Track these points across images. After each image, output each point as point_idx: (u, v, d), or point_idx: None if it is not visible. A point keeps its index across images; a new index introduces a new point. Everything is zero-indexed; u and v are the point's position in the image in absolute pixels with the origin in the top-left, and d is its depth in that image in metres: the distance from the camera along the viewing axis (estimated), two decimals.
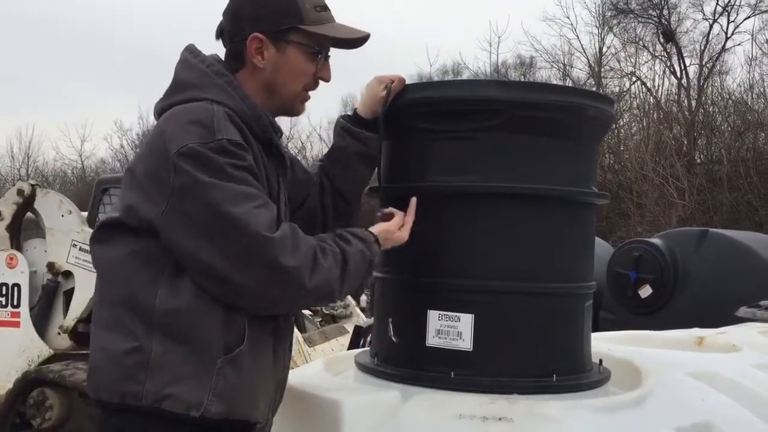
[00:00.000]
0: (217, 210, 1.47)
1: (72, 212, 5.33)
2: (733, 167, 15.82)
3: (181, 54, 1.71)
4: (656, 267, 5.98)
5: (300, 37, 1.69)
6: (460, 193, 1.85)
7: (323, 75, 1.76)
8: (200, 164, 1.49)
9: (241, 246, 1.48)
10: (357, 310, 6.51)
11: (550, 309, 1.87)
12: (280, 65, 1.69)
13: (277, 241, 1.49)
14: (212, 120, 1.54)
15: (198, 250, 1.49)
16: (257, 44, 1.67)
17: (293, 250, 1.51)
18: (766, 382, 2.11)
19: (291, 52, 1.69)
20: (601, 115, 1.93)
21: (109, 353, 1.54)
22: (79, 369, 4.91)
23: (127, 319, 1.53)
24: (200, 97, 1.60)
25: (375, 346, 2.03)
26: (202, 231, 1.49)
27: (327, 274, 1.57)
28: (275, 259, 1.49)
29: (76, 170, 31.54)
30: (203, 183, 1.48)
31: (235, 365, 1.55)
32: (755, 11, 19.80)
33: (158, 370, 1.51)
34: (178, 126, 1.54)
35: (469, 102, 1.84)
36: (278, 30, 1.67)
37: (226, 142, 1.52)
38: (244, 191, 1.50)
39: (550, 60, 22.54)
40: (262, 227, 1.49)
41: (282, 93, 1.72)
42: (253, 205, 1.50)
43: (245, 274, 1.50)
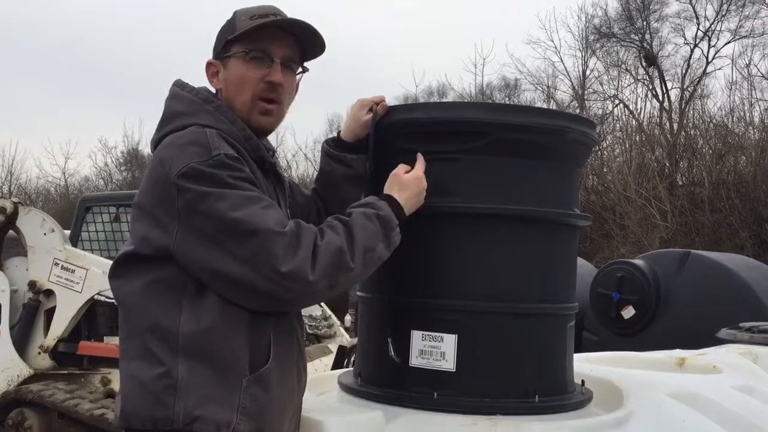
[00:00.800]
0: (224, 217, 1.49)
1: (54, 230, 5.30)
2: (715, 190, 16.00)
3: (170, 88, 1.76)
4: (639, 288, 6.01)
5: (235, 47, 1.73)
6: (444, 214, 1.86)
7: (271, 77, 1.72)
8: (201, 180, 1.51)
9: (255, 247, 1.49)
10: (341, 330, 6.49)
11: (533, 330, 1.88)
12: (228, 80, 1.74)
13: (288, 238, 1.50)
14: (206, 139, 1.57)
15: (214, 262, 1.51)
16: (213, 69, 1.76)
17: (296, 249, 1.51)
18: (746, 403, 2.13)
19: (232, 64, 1.73)
20: (583, 138, 1.95)
21: (139, 381, 1.55)
22: (59, 389, 4.86)
23: (153, 346, 1.55)
24: (190, 123, 1.64)
25: (358, 366, 2.03)
26: (214, 242, 1.50)
27: (327, 250, 1.54)
28: (285, 256, 1.49)
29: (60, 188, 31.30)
30: (206, 195, 1.50)
31: (262, 383, 1.57)
32: (735, 37, 20.15)
33: (186, 393, 1.52)
34: (175, 151, 1.57)
35: (454, 124, 1.86)
36: (220, 48, 1.75)
37: (224, 157, 1.55)
38: (247, 195, 1.53)
39: (535, 82, 22.77)
40: (272, 223, 1.50)
41: (237, 107, 1.73)
42: (259, 206, 1.52)
43: (259, 275, 1.49)
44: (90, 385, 5.20)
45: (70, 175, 31.22)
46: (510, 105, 5.37)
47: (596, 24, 21.98)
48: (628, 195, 16.20)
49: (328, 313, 6.54)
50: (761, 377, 2.49)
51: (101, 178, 29.63)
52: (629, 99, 20.85)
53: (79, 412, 4.59)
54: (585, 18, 22.28)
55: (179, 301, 1.55)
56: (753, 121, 18.16)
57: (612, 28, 21.77)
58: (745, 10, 20.01)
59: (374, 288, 1.96)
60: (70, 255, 5.24)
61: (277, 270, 1.48)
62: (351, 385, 1.98)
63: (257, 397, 1.56)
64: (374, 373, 1.93)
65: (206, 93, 1.73)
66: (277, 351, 1.62)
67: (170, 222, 1.54)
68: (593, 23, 21.97)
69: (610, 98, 21.22)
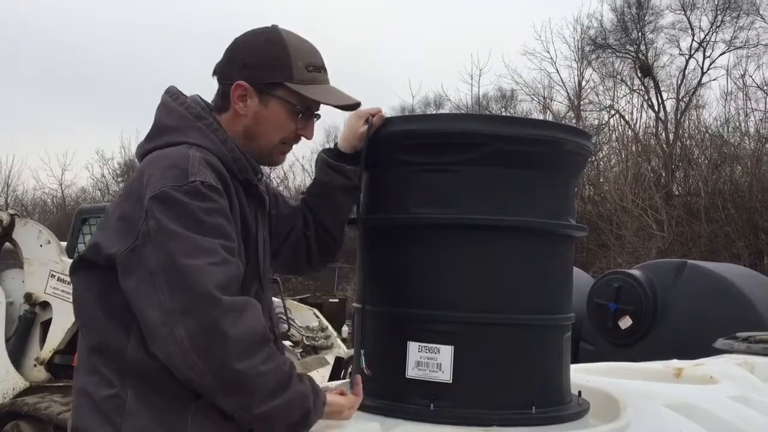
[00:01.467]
0: (172, 260, 1.44)
1: (51, 242, 5.30)
2: (711, 199, 16.03)
3: (162, 97, 1.71)
4: (636, 298, 6.01)
5: (285, 93, 1.69)
6: (441, 225, 1.86)
7: (305, 133, 1.76)
8: (170, 209, 1.47)
9: (183, 300, 1.43)
10: (338, 341, 6.48)
11: (530, 341, 1.88)
12: (262, 117, 1.70)
13: (225, 303, 1.43)
14: (187, 163, 1.54)
15: (138, 296, 1.47)
16: (241, 92, 1.68)
17: (237, 318, 1.44)
18: (743, 413, 2.13)
19: (273, 107, 1.69)
20: (579, 149, 1.96)
21: (90, 398, 1.55)
22: (55, 402, 4.84)
23: (103, 368, 1.54)
24: (179, 141, 1.61)
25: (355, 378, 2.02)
26: (151, 277, 1.45)
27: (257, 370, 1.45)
28: (215, 321, 1.42)
29: (56, 199, 31.28)
30: (167, 231, 1.46)
31: (211, 410, 1.54)
32: (730, 47, 20.27)
33: (134, 417, 1.51)
34: (156, 171, 1.54)
35: (451, 135, 1.86)
36: (264, 82, 1.68)
37: (200, 185, 1.51)
38: (204, 245, 1.46)
39: (531, 93, 22.86)
40: (212, 285, 1.43)
41: (260, 143, 1.72)
42: (211, 260, 1.46)
43: (178, 329, 1.42)
44: None
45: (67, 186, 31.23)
46: (506, 116, 5.40)
47: (592, 35, 22.09)
48: (624, 205, 16.23)
49: (325, 324, 6.53)
50: (758, 387, 2.49)
51: (98, 189, 29.63)
52: (625, 109, 20.94)
53: None
54: (580, 29, 22.40)
55: (128, 325, 1.52)
56: (748, 131, 18.23)
57: (607, 39, 21.89)
58: (739, 21, 20.15)
59: (370, 299, 1.96)
60: (66, 267, 5.22)
61: (219, 328, 1.41)
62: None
63: (205, 424, 1.54)
64: (370, 384, 1.93)
65: (197, 108, 1.68)
66: None
67: (127, 237, 1.50)
68: (589, 34, 22.08)
69: (606, 108, 21.30)
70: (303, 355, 6.07)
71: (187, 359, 1.43)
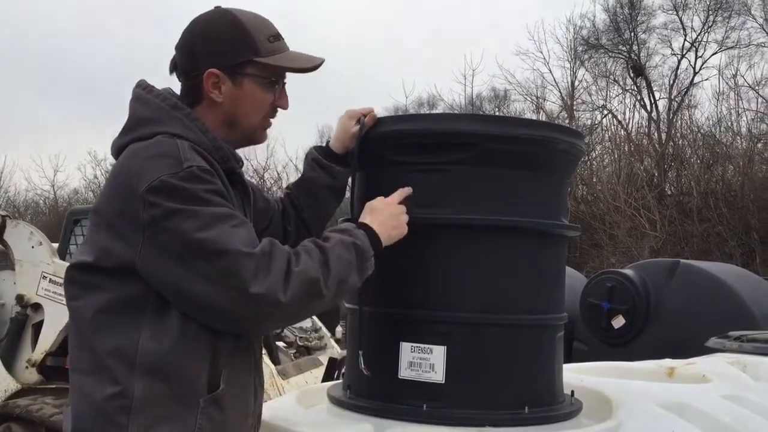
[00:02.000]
0: (191, 238, 1.44)
1: (42, 243, 5.26)
2: (703, 199, 16.10)
3: (133, 91, 1.69)
4: (629, 298, 6.03)
5: (255, 69, 1.68)
6: (433, 225, 1.86)
7: (281, 104, 1.76)
8: (170, 195, 1.46)
9: (223, 268, 1.45)
10: (332, 342, 6.46)
11: (522, 340, 1.88)
12: (239, 98, 1.68)
13: (258, 259, 1.47)
14: (178, 151, 1.52)
15: (180, 281, 1.47)
16: (214, 79, 1.66)
17: (267, 271, 1.47)
18: (735, 412, 2.13)
19: (247, 85, 1.69)
20: (571, 148, 1.96)
21: (91, 400, 1.51)
22: (47, 404, 4.82)
23: (109, 364, 1.50)
24: (159, 131, 1.58)
25: (347, 379, 2.02)
26: (181, 261, 1.46)
27: (301, 276, 1.50)
28: (254, 277, 1.45)
29: (49, 201, 31.17)
30: (175, 212, 1.45)
31: (219, 404, 1.54)
32: (722, 47, 20.36)
33: (141, 413, 1.48)
34: (144, 162, 1.51)
35: (442, 135, 1.86)
36: (234, 64, 1.67)
37: (196, 169, 1.50)
38: (218, 213, 1.48)
39: (524, 93, 22.92)
40: (240, 244, 1.46)
41: (242, 125, 1.72)
42: (229, 224, 1.48)
43: (227, 296, 1.45)
44: None
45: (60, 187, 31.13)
46: (498, 116, 5.40)
47: (584, 35, 22.17)
48: (617, 205, 16.28)
49: (318, 324, 6.51)
50: (750, 386, 2.49)
51: (91, 190, 29.55)
52: (618, 109, 21.02)
53: None
54: (573, 29, 22.48)
55: (139, 322, 1.50)
56: (740, 131, 18.33)
57: (600, 40, 21.96)
58: (731, 21, 20.26)
59: (363, 299, 1.96)
60: (58, 269, 5.19)
61: (246, 291, 1.44)
62: (340, 397, 1.97)
63: (213, 418, 1.53)
64: (363, 385, 1.92)
65: (173, 98, 1.66)
66: (234, 370, 1.58)
67: (133, 235, 1.48)
68: (581, 34, 22.16)
69: (599, 108, 21.38)
70: (296, 355, 6.05)
71: (250, 309, 1.47)
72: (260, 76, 1.69)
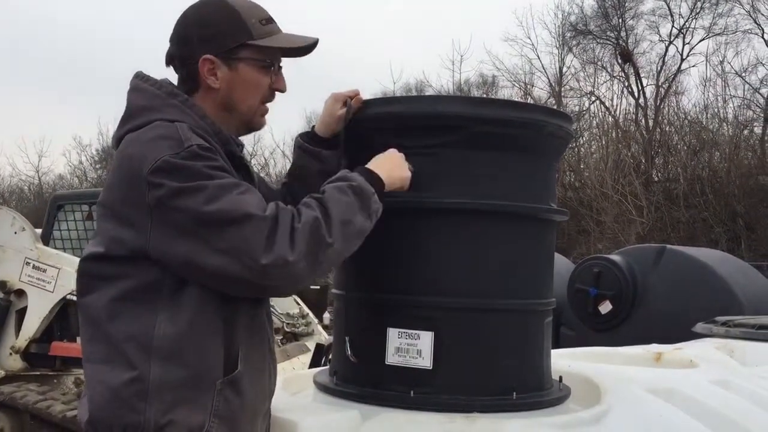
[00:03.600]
0: (199, 212, 1.44)
1: (25, 229, 5.22)
2: (690, 185, 16.18)
3: (131, 81, 1.69)
4: (616, 283, 6.04)
5: (250, 52, 1.68)
6: (420, 209, 1.84)
7: (278, 86, 1.75)
8: (174, 174, 1.46)
9: (235, 237, 1.44)
10: (319, 328, 6.45)
11: (510, 326, 1.87)
12: (235, 83, 1.68)
13: (269, 221, 1.46)
14: (177, 132, 1.52)
15: (193, 255, 1.46)
16: (209, 65, 1.66)
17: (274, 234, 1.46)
18: (722, 397, 2.13)
19: (243, 69, 1.68)
20: (559, 131, 1.94)
21: (107, 386, 1.51)
22: (31, 390, 4.79)
23: (125, 350, 1.50)
24: (156, 118, 1.58)
25: (334, 365, 2.00)
26: (192, 235, 1.45)
27: (304, 228, 1.49)
28: (264, 243, 1.45)
29: (33, 186, 30.92)
30: (180, 190, 1.45)
31: (236, 386, 1.55)
32: (709, 34, 20.41)
33: (158, 396, 1.48)
34: (143, 146, 1.51)
35: (430, 117, 1.83)
36: (228, 48, 1.67)
37: (197, 148, 1.50)
38: (223, 183, 1.48)
39: (512, 79, 22.91)
40: (252, 208, 1.46)
41: (241, 110, 1.71)
42: (236, 192, 1.48)
43: (241, 266, 1.44)
44: (63, 386, 5.12)
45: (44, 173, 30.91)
46: (486, 98, 5.39)
47: (572, 21, 22.16)
48: (604, 191, 16.35)
49: (306, 311, 6.49)
50: (737, 371, 2.50)
51: (76, 176, 29.36)
52: (605, 96, 21.07)
53: (51, 414, 4.52)
54: (561, 15, 22.47)
55: (155, 307, 1.51)
56: (727, 118, 18.42)
57: (588, 26, 21.96)
58: (718, 8, 20.31)
59: (349, 285, 1.94)
60: (41, 254, 5.15)
61: (258, 260, 1.44)
62: (326, 384, 1.95)
63: (230, 400, 1.54)
64: (350, 371, 1.91)
65: (170, 86, 1.67)
66: (250, 352, 1.59)
67: (142, 220, 1.48)
68: (570, 20, 22.16)
69: (587, 95, 21.42)
70: (283, 342, 6.04)
71: (265, 275, 1.45)
72: (255, 59, 1.69)
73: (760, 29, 19.67)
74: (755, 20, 19.81)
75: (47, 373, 5.18)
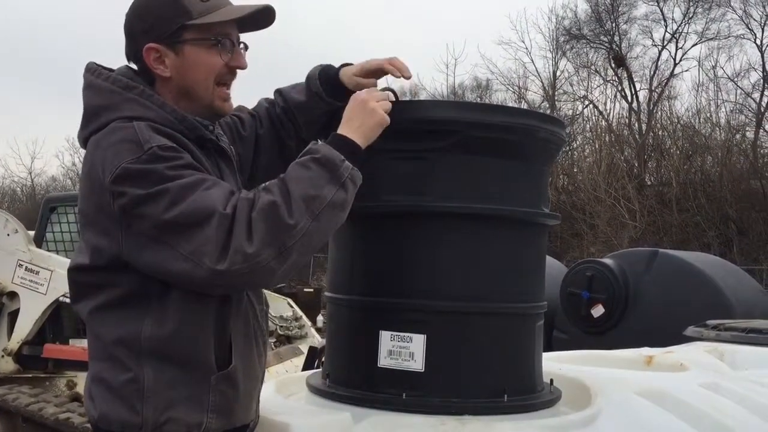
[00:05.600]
0: (161, 220, 1.43)
1: (18, 231, 5.20)
2: (682, 189, 16.24)
3: (84, 76, 1.64)
4: (608, 287, 6.07)
5: (192, 33, 1.62)
6: (413, 213, 1.85)
7: (236, 63, 1.66)
8: (135, 180, 1.44)
9: (197, 241, 1.42)
10: (312, 331, 6.45)
11: (502, 329, 1.88)
12: (184, 68, 1.63)
13: (228, 218, 1.43)
14: (136, 134, 1.49)
15: (163, 262, 1.45)
16: (155, 54, 1.62)
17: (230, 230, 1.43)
18: (712, 400, 2.14)
19: (189, 51, 1.63)
20: (552, 137, 1.95)
21: (107, 384, 1.53)
22: (23, 393, 4.77)
23: (119, 353, 1.52)
24: (114, 117, 1.55)
25: (327, 368, 2.00)
26: (159, 242, 1.45)
27: (260, 215, 1.44)
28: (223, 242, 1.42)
29: (26, 188, 30.82)
30: (140, 198, 1.44)
31: (230, 379, 1.56)
32: (702, 39, 20.50)
33: (154, 397, 1.50)
34: (105, 152, 1.50)
35: (423, 122, 1.84)
36: (169, 33, 1.62)
37: (157, 149, 1.47)
38: (188, 183, 1.45)
39: (506, 83, 22.96)
40: (217, 204, 1.43)
41: (198, 94, 1.65)
42: (201, 189, 1.45)
43: (204, 270, 1.43)
44: (55, 388, 5.11)
45: (37, 175, 30.82)
46: (479, 103, 5.40)
47: (566, 25, 22.22)
48: (597, 195, 16.38)
49: (299, 313, 6.50)
50: (727, 374, 2.51)
51: (69, 178, 29.25)
52: (599, 100, 21.14)
53: (43, 417, 4.51)
54: (555, 19, 22.52)
55: (141, 310, 1.51)
56: (719, 122, 18.50)
57: (582, 30, 22.02)
58: (711, 13, 20.40)
59: (342, 288, 1.94)
60: (34, 256, 5.14)
61: (220, 259, 1.41)
62: (319, 386, 1.95)
63: (226, 393, 1.55)
64: (343, 374, 1.91)
65: (125, 79, 1.61)
66: (240, 343, 1.60)
67: (114, 229, 1.49)
68: (563, 25, 22.22)
69: (580, 99, 21.47)
70: (277, 344, 6.04)
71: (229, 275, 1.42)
72: (199, 38, 1.63)
73: (753, 34, 19.80)
74: (748, 25, 19.93)
75: (39, 375, 5.16)
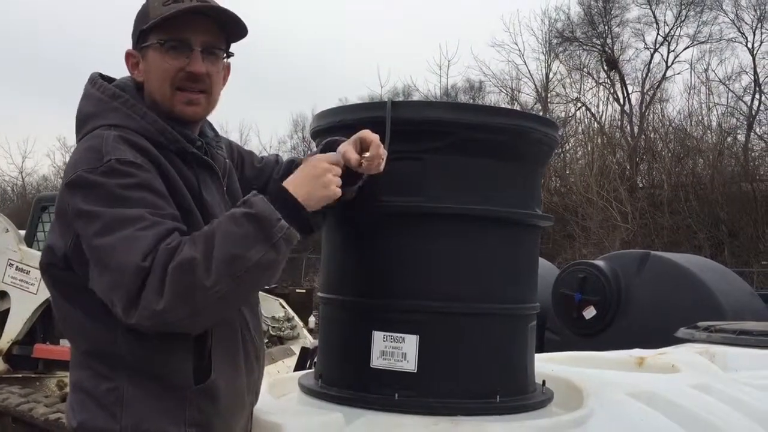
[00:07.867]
0: (91, 243, 1.43)
1: (9, 231, 5.18)
2: (674, 192, 16.30)
3: (84, 86, 1.66)
4: (600, 288, 6.09)
5: (152, 36, 1.61)
6: (406, 214, 1.85)
7: (190, 67, 1.59)
8: (83, 190, 1.45)
9: (108, 281, 1.41)
10: (304, 332, 6.45)
11: (494, 330, 1.88)
12: (147, 72, 1.63)
13: (145, 271, 1.37)
14: (101, 144, 1.49)
15: (94, 282, 1.45)
16: (132, 60, 1.65)
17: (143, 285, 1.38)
18: (703, 401, 2.15)
19: (149, 55, 1.62)
20: (545, 138, 1.95)
21: (88, 392, 1.53)
22: (13, 393, 4.75)
23: (97, 364, 1.52)
24: (98, 125, 1.56)
25: (319, 368, 2.00)
26: (93, 261, 1.45)
27: (175, 271, 1.37)
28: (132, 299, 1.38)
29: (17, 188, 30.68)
30: (81, 213, 1.45)
31: (208, 394, 1.53)
32: (694, 42, 20.60)
33: (132, 407, 1.49)
34: (74, 156, 1.52)
35: (417, 123, 1.85)
36: (137, 39, 1.64)
37: (115, 162, 1.46)
38: (124, 216, 1.41)
39: (499, 85, 23.01)
40: (135, 256, 1.37)
41: (157, 99, 1.62)
42: (134, 228, 1.40)
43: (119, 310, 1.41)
44: (45, 388, 5.09)
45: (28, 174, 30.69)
46: (473, 105, 5.41)
47: (559, 28, 22.28)
48: (589, 197, 16.43)
49: (291, 314, 6.49)
50: (718, 376, 2.52)
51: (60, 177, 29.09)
52: (591, 102, 21.21)
53: (34, 417, 4.49)
54: (548, 22, 22.58)
55: (111, 321, 1.47)
56: (710, 125, 18.60)
57: (574, 32, 22.09)
58: (703, 16, 20.51)
59: (335, 289, 1.94)
60: (25, 256, 5.12)
61: (126, 310, 1.39)
62: (311, 387, 1.95)
63: (204, 409, 1.53)
64: (335, 374, 1.91)
65: (114, 88, 1.61)
66: (220, 357, 1.56)
67: (67, 231, 1.50)
68: (556, 27, 22.28)
69: (573, 101, 21.53)
70: (269, 345, 6.03)
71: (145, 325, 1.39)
72: (156, 42, 1.60)
73: (744, 37, 19.92)
74: (739, 29, 20.05)
75: (30, 375, 5.14)
